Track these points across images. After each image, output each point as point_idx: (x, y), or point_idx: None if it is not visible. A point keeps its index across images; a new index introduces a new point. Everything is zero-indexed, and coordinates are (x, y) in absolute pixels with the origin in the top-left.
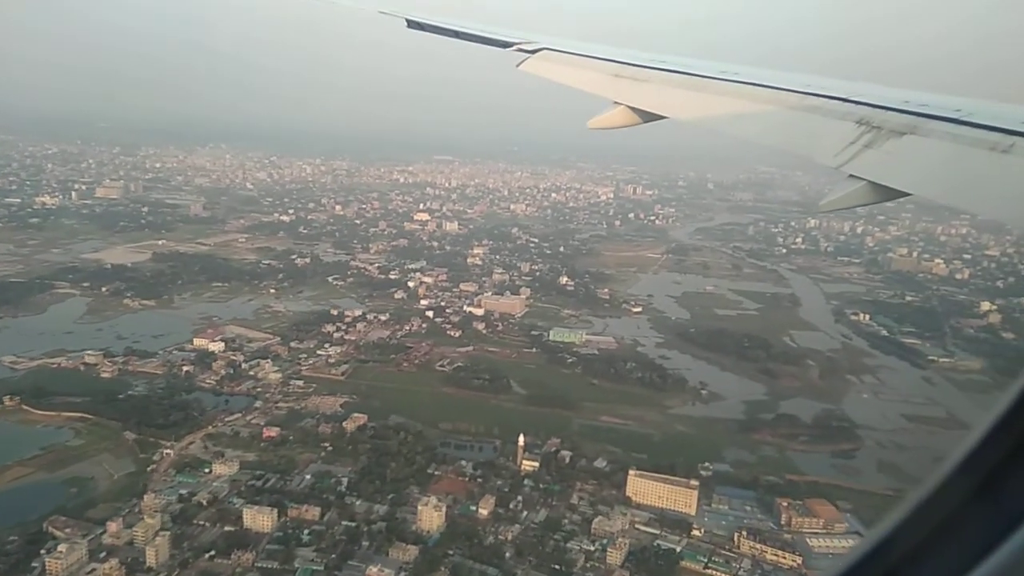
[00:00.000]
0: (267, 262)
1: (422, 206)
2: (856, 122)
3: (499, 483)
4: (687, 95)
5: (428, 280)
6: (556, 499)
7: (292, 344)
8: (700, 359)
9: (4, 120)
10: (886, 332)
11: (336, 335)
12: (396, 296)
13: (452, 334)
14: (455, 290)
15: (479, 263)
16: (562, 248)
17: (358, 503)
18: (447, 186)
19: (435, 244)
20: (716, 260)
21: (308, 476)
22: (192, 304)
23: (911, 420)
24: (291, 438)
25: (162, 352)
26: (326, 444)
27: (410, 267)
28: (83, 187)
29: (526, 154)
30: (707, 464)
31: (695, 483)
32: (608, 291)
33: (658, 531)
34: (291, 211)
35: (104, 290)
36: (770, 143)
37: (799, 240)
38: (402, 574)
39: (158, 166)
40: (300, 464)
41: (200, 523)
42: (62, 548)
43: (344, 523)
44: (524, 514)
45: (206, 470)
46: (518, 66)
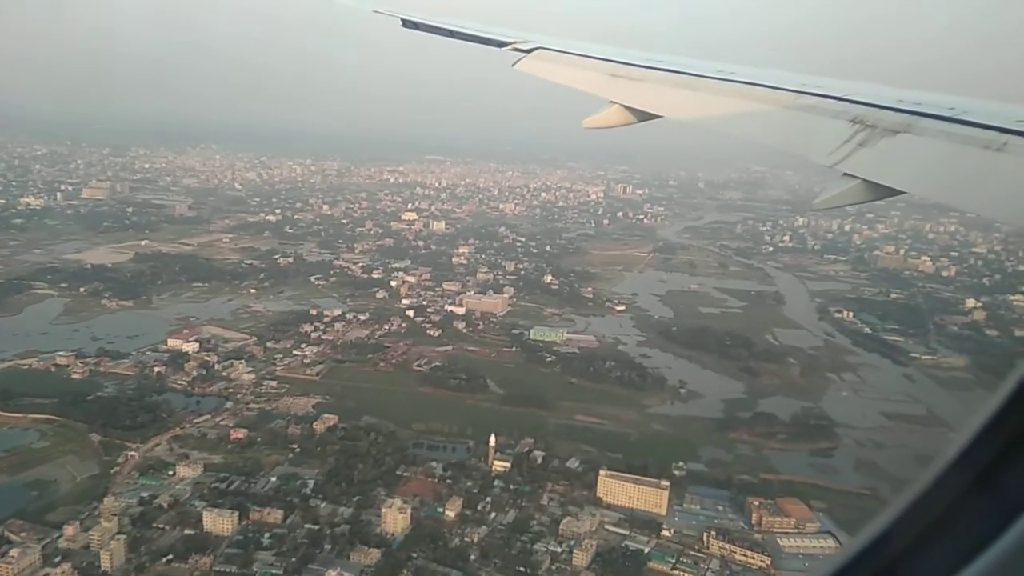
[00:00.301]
0: (249, 262)
1: (410, 206)
2: (850, 121)
3: (469, 484)
4: (682, 94)
5: (411, 279)
6: (526, 500)
7: (268, 344)
8: (681, 357)
9: None
10: (869, 330)
11: (314, 335)
12: (378, 295)
13: (432, 333)
14: (438, 289)
15: (464, 262)
16: (548, 247)
17: (323, 506)
18: (437, 186)
19: (421, 243)
20: (703, 258)
21: (273, 478)
22: (170, 304)
23: (891, 418)
24: (259, 440)
25: (135, 353)
26: (294, 446)
27: (394, 266)
28: (69, 188)
29: (519, 154)
30: (681, 463)
31: (666, 483)
32: (592, 290)
33: (627, 532)
34: (278, 211)
35: (82, 291)
36: (765, 142)
37: (786, 238)
38: None
39: (147, 167)
40: (266, 466)
41: (160, 526)
42: (14, 553)
43: (307, 526)
44: (492, 515)
45: (170, 472)
46: (514, 65)
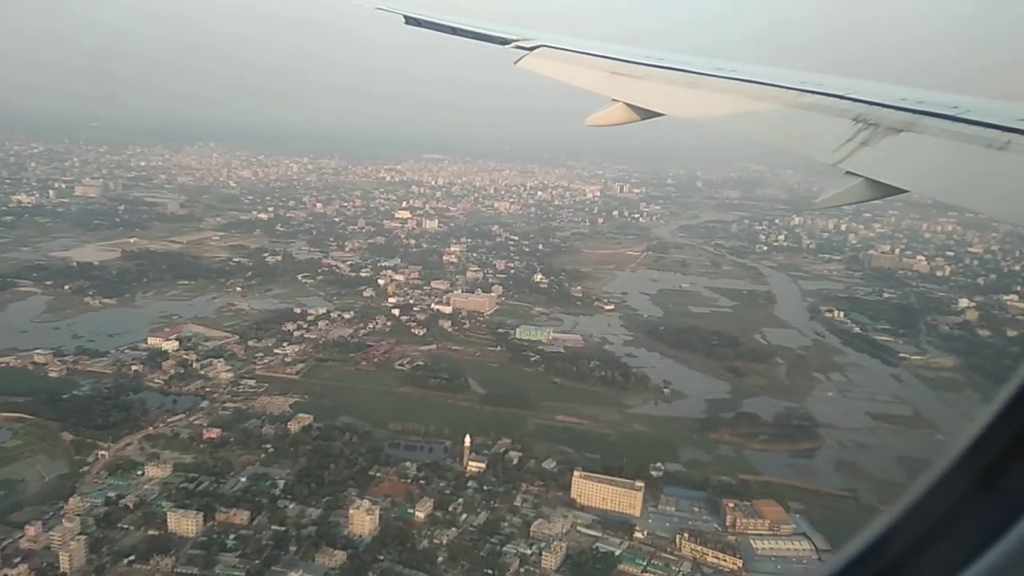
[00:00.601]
0: (237, 260)
1: (405, 204)
2: (853, 119)
3: (442, 485)
4: (685, 92)
5: (399, 278)
6: (499, 501)
7: (250, 343)
8: (668, 357)
9: None
10: (859, 329)
11: (296, 334)
12: (365, 294)
13: (416, 332)
14: (426, 288)
15: (455, 261)
16: (541, 246)
17: (291, 507)
18: (433, 184)
19: (412, 242)
20: (696, 258)
21: (243, 479)
22: (154, 303)
23: (876, 418)
24: (232, 439)
25: (114, 351)
26: (268, 446)
27: (383, 265)
28: (63, 186)
29: (518, 153)
30: (659, 464)
31: (640, 484)
32: (582, 289)
33: (600, 533)
34: (270, 209)
35: (66, 288)
36: (767, 140)
37: (781, 237)
38: None
39: (143, 164)
40: (237, 466)
41: (124, 527)
42: None
43: (273, 527)
44: (463, 517)
45: (138, 472)
46: (516, 63)
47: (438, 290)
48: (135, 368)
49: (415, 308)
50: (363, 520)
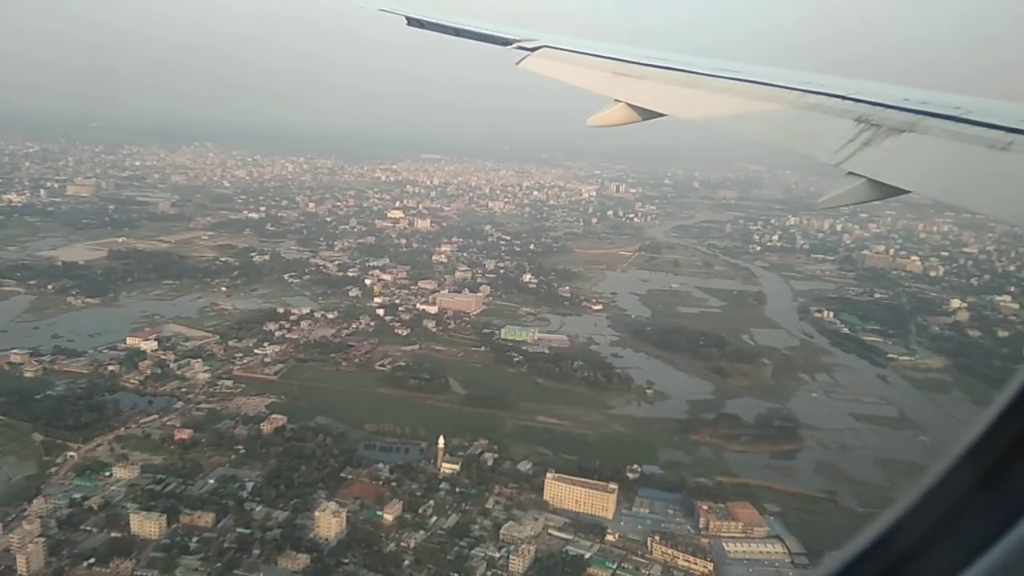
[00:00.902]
0: (224, 259)
1: (398, 204)
2: (855, 120)
3: (413, 487)
4: (687, 93)
5: (387, 277)
6: (470, 503)
7: (230, 343)
8: (654, 358)
9: None
10: (848, 330)
11: (278, 334)
12: (351, 294)
13: (400, 332)
14: (413, 288)
15: (444, 260)
16: (533, 246)
17: (257, 509)
18: (428, 184)
19: (403, 241)
20: (688, 258)
21: (211, 480)
22: (137, 302)
23: (859, 419)
24: (203, 440)
25: (92, 351)
26: (239, 447)
27: (371, 264)
28: (55, 185)
29: (517, 153)
30: (636, 466)
31: (613, 486)
32: (570, 289)
33: (571, 536)
34: (262, 209)
35: (50, 288)
36: (769, 141)
37: (775, 238)
38: None
39: (137, 164)
40: (207, 468)
41: (87, 529)
42: None
43: (238, 530)
44: (433, 519)
45: (106, 474)
46: (518, 64)
47: (425, 290)
48: (111, 368)
49: (400, 308)
50: (329, 522)
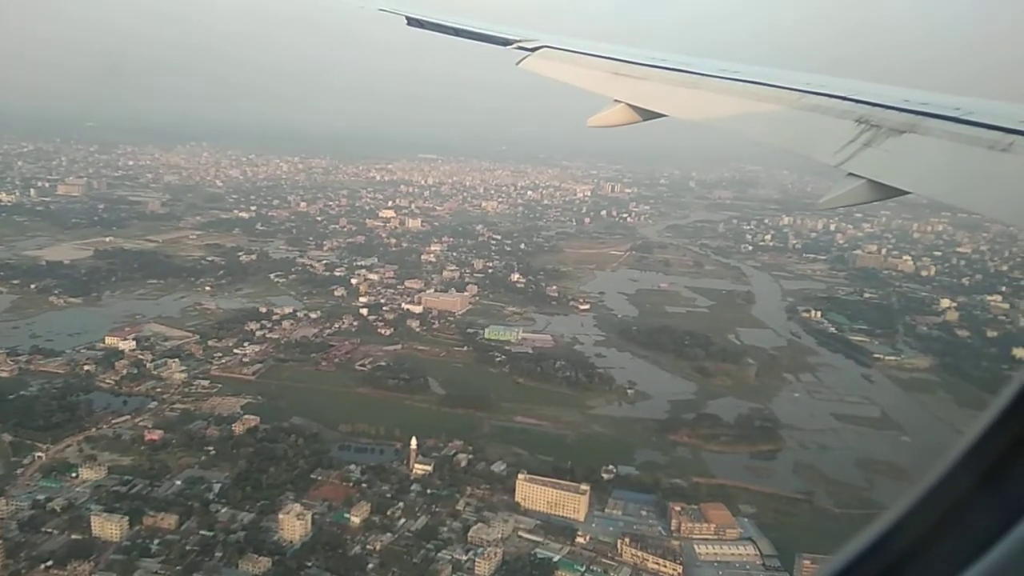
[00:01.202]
0: (210, 259)
1: (391, 203)
2: (856, 120)
3: (384, 488)
4: (687, 93)
5: (373, 277)
6: (441, 505)
7: (209, 343)
8: (638, 358)
9: None
10: (835, 330)
11: (259, 333)
12: (336, 293)
13: (383, 332)
14: (399, 287)
15: (433, 260)
16: (523, 245)
17: (223, 511)
18: (423, 183)
19: (393, 241)
20: (680, 257)
21: (178, 482)
22: (120, 302)
23: (841, 420)
24: (174, 441)
25: (70, 351)
26: (210, 448)
27: (359, 264)
28: (46, 184)
29: (514, 153)
30: (612, 467)
31: (585, 488)
32: (558, 289)
33: (541, 538)
34: (253, 208)
35: (32, 287)
36: (769, 141)
37: (768, 237)
38: None
39: (131, 164)
40: (175, 469)
41: (48, 531)
42: None
43: (201, 532)
44: (401, 522)
45: (72, 475)
46: (518, 64)
47: (412, 289)
48: (87, 368)
49: (385, 308)
50: (293, 525)
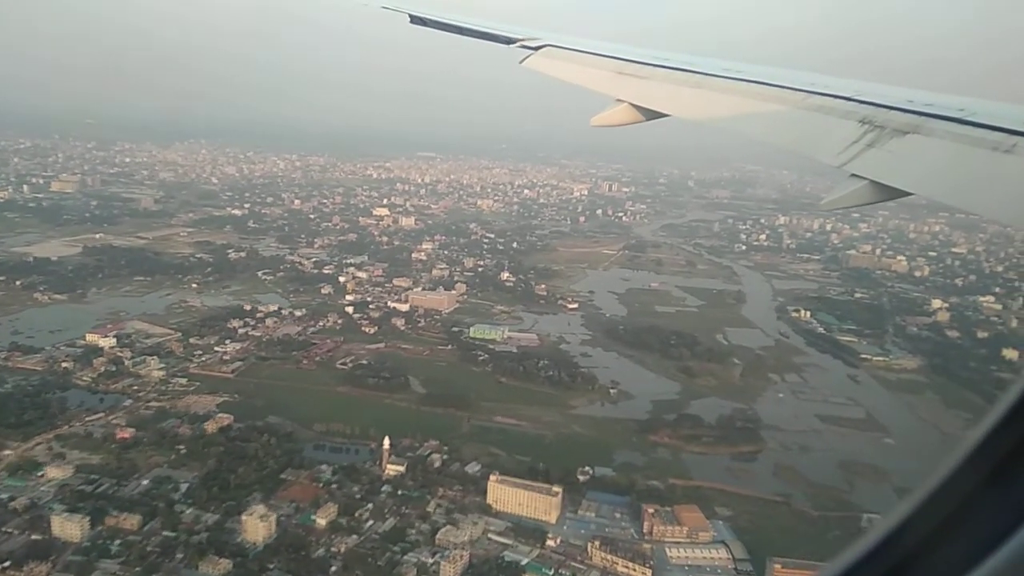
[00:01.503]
0: (199, 256)
1: (386, 201)
2: (859, 121)
3: (354, 489)
4: (690, 93)
5: (362, 275)
6: (411, 507)
7: (191, 340)
8: (624, 357)
9: None
10: (823, 330)
11: (241, 331)
12: (323, 291)
13: (367, 330)
14: (388, 285)
15: (424, 259)
16: (516, 244)
17: (188, 511)
18: (419, 182)
19: (385, 239)
20: (672, 257)
21: (145, 481)
22: (105, 299)
23: (824, 421)
24: (145, 440)
25: (50, 348)
26: (180, 447)
27: (349, 262)
28: (40, 181)
29: (515, 151)
30: (588, 468)
31: (557, 489)
32: (546, 288)
33: (511, 541)
34: (246, 205)
35: (18, 284)
36: (773, 142)
37: (763, 237)
38: None
39: (127, 161)
40: (143, 468)
41: (7, 531)
42: None
43: (164, 533)
44: (369, 523)
45: (39, 473)
46: (521, 63)
47: (400, 288)
48: (65, 365)
49: (371, 306)
50: (257, 527)
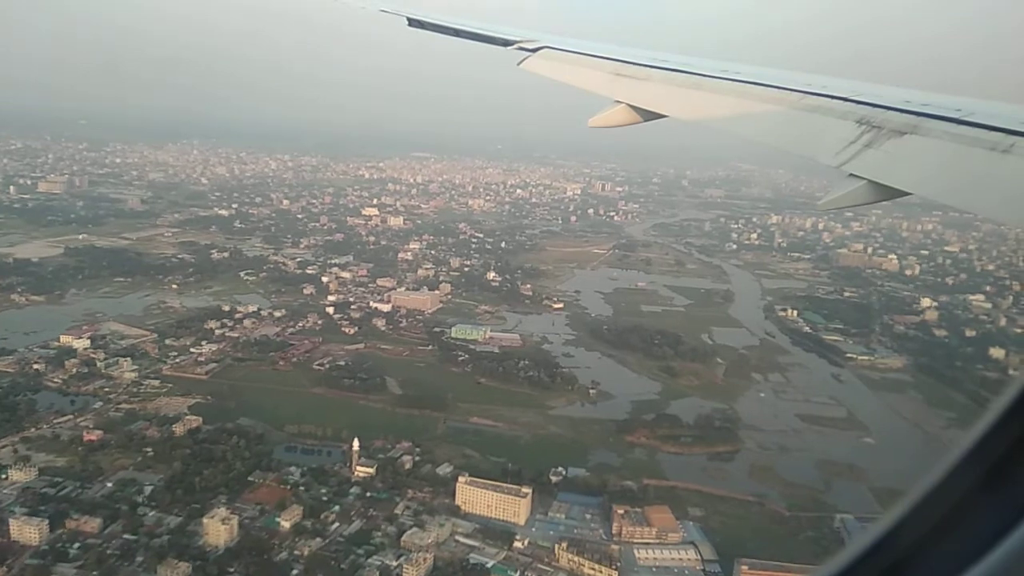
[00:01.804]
0: (181, 256)
1: (376, 201)
2: (857, 121)
3: (322, 492)
4: (688, 94)
5: (346, 275)
6: (378, 509)
7: (167, 341)
8: (607, 357)
9: None
10: (809, 329)
11: (218, 332)
12: (306, 292)
13: (347, 331)
14: (371, 286)
15: (410, 258)
16: (504, 244)
17: (151, 514)
18: (411, 181)
19: (372, 239)
20: (662, 256)
21: (109, 484)
22: (83, 300)
23: (805, 420)
24: (113, 442)
25: (23, 349)
26: (148, 449)
27: (333, 262)
28: (28, 182)
29: (511, 152)
30: (561, 469)
31: (526, 491)
32: (533, 287)
33: (478, 543)
34: (234, 206)
35: None
36: (771, 142)
37: (754, 236)
38: None
39: (118, 161)
40: (108, 471)
41: None
42: None
43: (125, 536)
44: (334, 526)
45: (2, 476)
46: (519, 64)
47: (383, 288)
48: (36, 367)
49: (352, 306)
50: (218, 530)
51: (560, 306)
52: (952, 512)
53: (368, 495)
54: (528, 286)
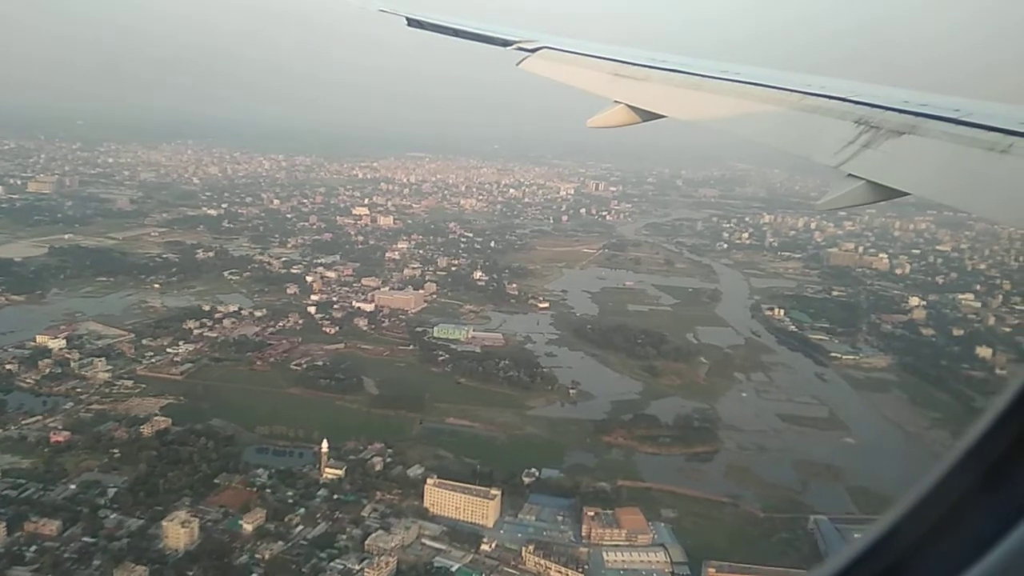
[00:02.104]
0: (165, 256)
1: (367, 201)
2: (855, 122)
3: (288, 494)
4: (686, 94)
5: (331, 275)
6: (344, 512)
7: (144, 341)
8: (590, 356)
9: None
10: (795, 328)
11: (197, 332)
12: (289, 291)
13: (328, 331)
14: (356, 285)
15: (397, 258)
16: (493, 243)
17: (112, 517)
18: (405, 181)
19: (360, 239)
20: (652, 255)
21: (72, 486)
22: (64, 300)
23: (785, 420)
24: (79, 443)
25: None
26: (114, 451)
27: (319, 262)
28: (17, 182)
29: (507, 151)
30: (533, 470)
31: (495, 492)
32: (519, 287)
33: (445, 546)
34: (224, 205)
35: None
36: (769, 143)
37: (745, 235)
38: None
39: (110, 161)
40: (72, 472)
41: None
42: None
43: (84, 539)
44: (298, 529)
45: None
46: (518, 65)
47: (368, 287)
48: (9, 367)
49: (335, 306)
50: (178, 532)
51: (546, 305)
52: (951, 512)
53: (335, 497)
54: (515, 285)
